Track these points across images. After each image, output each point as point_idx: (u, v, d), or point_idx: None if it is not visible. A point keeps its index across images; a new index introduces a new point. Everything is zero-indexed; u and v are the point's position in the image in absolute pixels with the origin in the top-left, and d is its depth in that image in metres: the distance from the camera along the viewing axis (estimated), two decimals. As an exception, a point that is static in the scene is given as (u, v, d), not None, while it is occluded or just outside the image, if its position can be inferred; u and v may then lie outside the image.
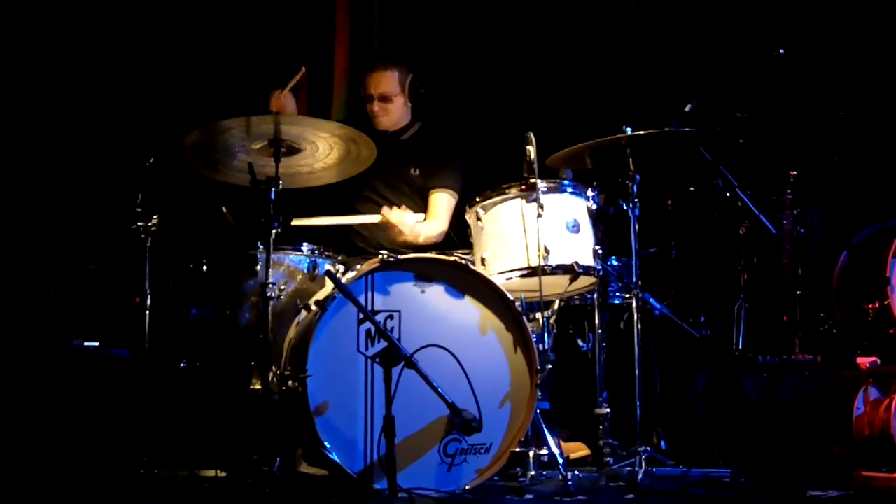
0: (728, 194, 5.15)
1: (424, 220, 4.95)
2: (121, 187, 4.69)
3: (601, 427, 4.67)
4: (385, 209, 4.82)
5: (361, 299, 3.91)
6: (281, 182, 4.14)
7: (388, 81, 5.07)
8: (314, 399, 3.83)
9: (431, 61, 5.51)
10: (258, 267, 4.36)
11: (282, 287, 4.36)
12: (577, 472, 4.31)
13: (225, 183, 4.42)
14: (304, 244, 4.52)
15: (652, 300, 5.02)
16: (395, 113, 5.14)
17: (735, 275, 5.26)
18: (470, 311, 4.07)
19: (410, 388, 3.77)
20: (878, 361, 4.73)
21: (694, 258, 5.46)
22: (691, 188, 5.47)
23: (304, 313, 4.17)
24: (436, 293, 4.04)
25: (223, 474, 4.24)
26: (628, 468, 4.33)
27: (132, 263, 4.46)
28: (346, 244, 4.96)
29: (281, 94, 4.97)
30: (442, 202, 5.06)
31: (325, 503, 3.79)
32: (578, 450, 4.86)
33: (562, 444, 4.56)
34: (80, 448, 4.57)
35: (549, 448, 4.20)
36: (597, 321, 4.87)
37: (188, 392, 4.40)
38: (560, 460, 4.14)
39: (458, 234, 4.82)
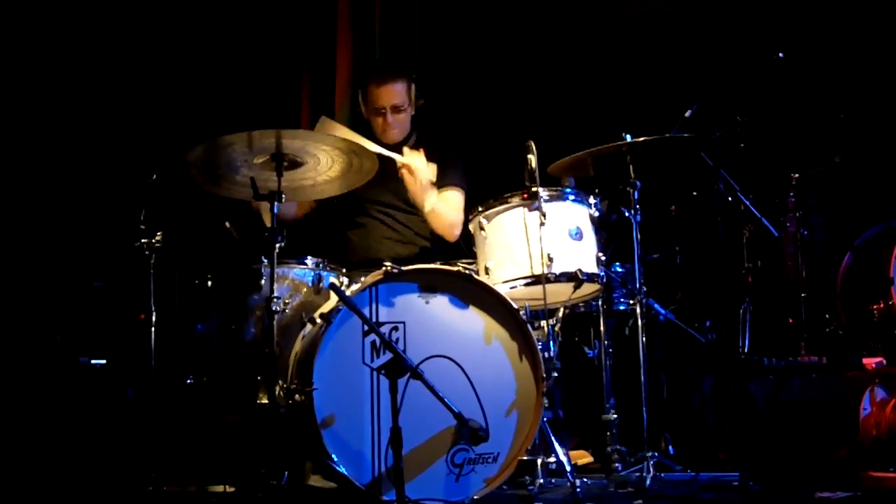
0: (730, 199, 5.15)
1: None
2: (125, 204, 4.71)
3: (609, 433, 4.68)
4: (406, 150, 4.75)
5: (366, 311, 3.92)
6: (284, 196, 4.14)
7: (399, 92, 4.98)
8: (321, 412, 3.82)
9: (433, 71, 5.51)
10: (263, 281, 4.35)
11: (287, 301, 4.35)
12: (585, 479, 4.33)
13: (228, 198, 4.43)
14: (309, 257, 4.51)
15: (657, 305, 5.03)
16: (405, 124, 5.06)
17: (739, 278, 5.27)
18: (475, 320, 4.07)
19: (417, 399, 3.77)
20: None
21: (698, 263, 5.46)
22: (694, 193, 5.47)
23: (309, 326, 4.17)
24: (440, 304, 4.04)
25: (232, 489, 4.24)
26: (636, 474, 4.33)
27: (137, 280, 4.48)
28: (347, 258, 4.95)
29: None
30: (452, 197, 4.97)
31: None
32: (580, 457, 4.86)
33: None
34: (88, 465, 4.57)
35: (556, 455, 4.21)
36: (602, 328, 4.89)
37: (195, 408, 4.40)
38: (568, 467, 4.15)
39: (465, 243, 4.82)
